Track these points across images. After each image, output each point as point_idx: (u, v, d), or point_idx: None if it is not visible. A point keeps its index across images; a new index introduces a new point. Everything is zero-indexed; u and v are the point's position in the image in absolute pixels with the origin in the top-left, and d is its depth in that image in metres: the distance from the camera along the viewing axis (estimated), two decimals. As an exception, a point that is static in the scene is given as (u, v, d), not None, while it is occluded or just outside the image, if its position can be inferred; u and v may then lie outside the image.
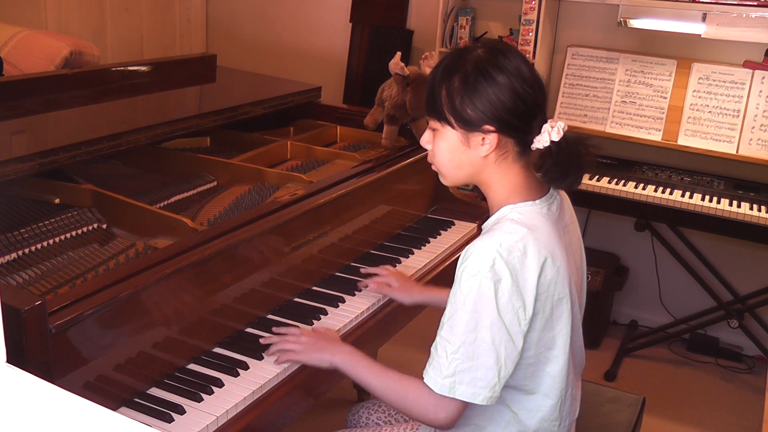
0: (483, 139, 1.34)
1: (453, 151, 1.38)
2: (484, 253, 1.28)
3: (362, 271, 1.91)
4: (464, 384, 1.29)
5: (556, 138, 1.33)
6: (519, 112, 1.32)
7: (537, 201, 1.38)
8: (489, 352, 1.28)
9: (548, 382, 1.40)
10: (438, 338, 1.32)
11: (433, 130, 1.40)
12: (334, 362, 1.48)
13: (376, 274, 1.88)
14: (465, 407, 1.34)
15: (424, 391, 1.34)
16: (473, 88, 1.32)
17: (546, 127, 1.34)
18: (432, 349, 1.33)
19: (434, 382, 1.31)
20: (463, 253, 1.32)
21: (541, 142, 1.34)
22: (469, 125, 1.34)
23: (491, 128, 1.33)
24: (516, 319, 1.29)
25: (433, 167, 1.45)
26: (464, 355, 1.28)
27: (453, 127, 1.36)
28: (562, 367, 1.39)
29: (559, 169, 1.36)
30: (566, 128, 1.35)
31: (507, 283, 1.27)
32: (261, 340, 1.59)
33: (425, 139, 1.43)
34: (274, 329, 1.62)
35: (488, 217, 1.43)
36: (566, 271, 1.35)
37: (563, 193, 1.48)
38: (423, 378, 1.33)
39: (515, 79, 1.32)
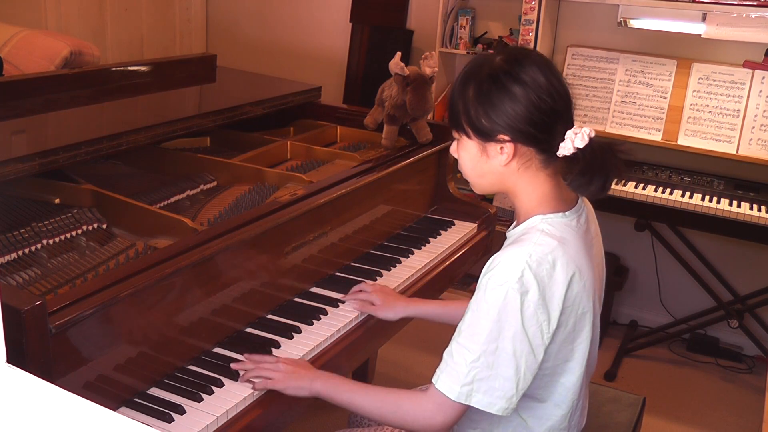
0: (501, 148, 1.33)
1: (473, 161, 1.38)
2: (512, 264, 1.26)
3: (344, 298, 1.82)
4: (481, 392, 1.28)
5: (580, 144, 1.29)
6: (535, 122, 1.30)
7: (567, 213, 1.36)
8: (509, 363, 1.27)
9: (561, 393, 1.39)
10: (455, 345, 1.30)
11: (457, 139, 1.40)
12: (313, 389, 1.44)
13: (358, 294, 1.83)
14: (463, 414, 1.32)
15: (419, 396, 1.33)
16: (487, 98, 1.31)
17: (569, 134, 1.29)
18: (446, 355, 1.31)
19: (449, 389, 1.29)
20: (489, 261, 1.30)
21: (565, 149, 1.30)
22: (485, 135, 1.33)
23: (507, 138, 1.31)
24: (539, 332, 1.27)
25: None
26: (484, 364, 1.26)
27: (470, 137, 1.36)
28: (577, 378, 1.38)
29: (583, 177, 1.30)
30: (592, 134, 1.30)
31: (534, 296, 1.25)
32: (233, 366, 1.50)
33: (451, 149, 1.44)
34: (246, 356, 1.53)
35: (511, 223, 1.42)
36: (591, 286, 1.34)
37: (588, 204, 1.46)
38: (433, 383, 1.32)
39: (530, 89, 1.29)
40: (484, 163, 1.36)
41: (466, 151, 1.38)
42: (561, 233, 1.32)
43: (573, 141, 1.29)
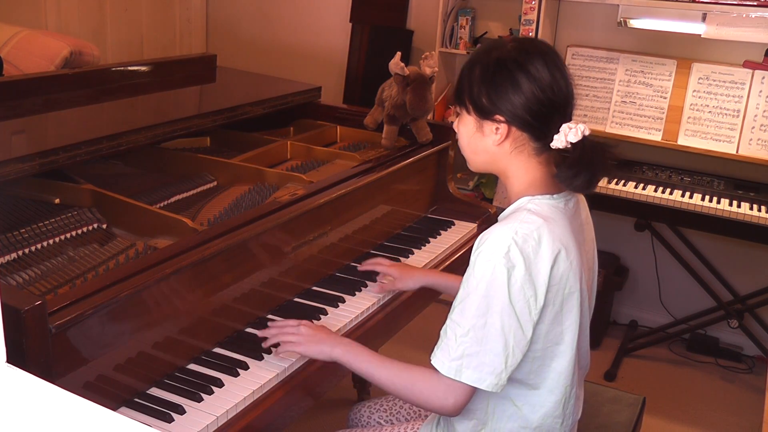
0: (496, 128, 1.38)
1: (469, 137, 1.44)
2: (499, 240, 1.30)
3: (359, 269, 1.93)
4: (471, 368, 1.30)
5: (573, 139, 1.33)
6: (532, 111, 1.35)
7: (555, 195, 1.40)
8: (498, 338, 1.29)
9: (554, 378, 1.40)
10: (448, 321, 1.34)
11: (458, 114, 1.46)
12: (333, 354, 1.48)
13: (376, 273, 1.92)
14: (472, 393, 1.35)
15: (432, 376, 1.35)
16: (491, 80, 1.37)
17: (564, 127, 1.34)
18: (441, 332, 1.35)
19: (441, 364, 1.32)
20: (478, 239, 1.34)
21: (558, 141, 1.34)
22: (482, 113, 1.39)
23: (502, 119, 1.37)
24: (527, 308, 1.30)
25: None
26: (473, 339, 1.29)
27: (469, 112, 1.41)
28: (568, 363, 1.39)
29: (570, 170, 1.35)
30: (587, 131, 1.34)
31: (520, 271, 1.28)
32: (259, 333, 1.58)
33: (454, 124, 1.49)
34: (270, 324, 1.60)
35: (502, 209, 1.45)
36: (579, 267, 1.37)
37: (581, 195, 1.49)
38: (430, 361, 1.34)
39: (534, 81, 1.34)
40: (478, 139, 1.42)
41: (465, 126, 1.44)
42: (547, 213, 1.36)
43: (566, 135, 1.34)
